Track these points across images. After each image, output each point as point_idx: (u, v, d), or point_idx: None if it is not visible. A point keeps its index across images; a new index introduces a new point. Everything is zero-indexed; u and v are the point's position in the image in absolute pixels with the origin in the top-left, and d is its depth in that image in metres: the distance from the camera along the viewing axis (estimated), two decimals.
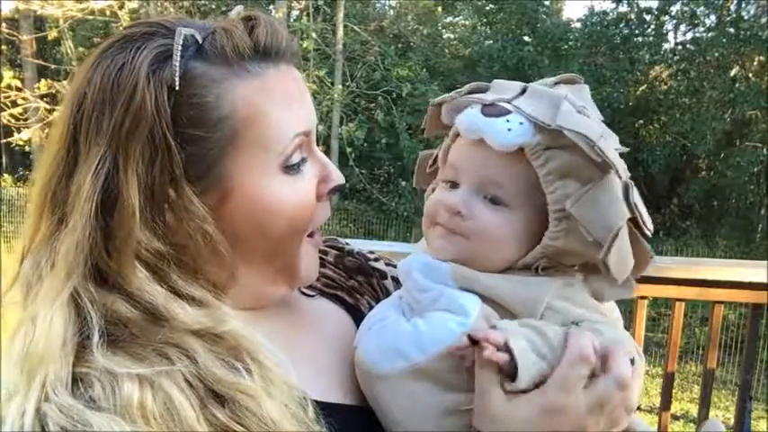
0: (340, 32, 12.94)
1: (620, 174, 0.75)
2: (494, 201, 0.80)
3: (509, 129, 0.77)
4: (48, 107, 10.65)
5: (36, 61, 12.71)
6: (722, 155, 12.85)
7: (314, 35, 12.07)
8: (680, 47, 14.19)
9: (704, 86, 12.88)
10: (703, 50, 12.98)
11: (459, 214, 0.80)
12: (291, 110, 0.75)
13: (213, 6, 12.30)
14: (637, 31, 14.04)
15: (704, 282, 2.41)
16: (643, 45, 13.92)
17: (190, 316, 0.68)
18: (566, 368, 0.70)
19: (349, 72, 13.08)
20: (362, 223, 13.10)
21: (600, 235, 0.75)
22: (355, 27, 13.28)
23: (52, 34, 11.38)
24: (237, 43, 0.71)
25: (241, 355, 0.68)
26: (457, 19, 18.05)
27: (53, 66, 12.31)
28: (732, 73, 13.00)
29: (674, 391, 3.42)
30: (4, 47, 12.61)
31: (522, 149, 0.77)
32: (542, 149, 0.77)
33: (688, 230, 13.02)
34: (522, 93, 0.82)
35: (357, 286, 0.99)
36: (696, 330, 7.99)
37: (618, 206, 0.76)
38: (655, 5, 13.93)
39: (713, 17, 13.80)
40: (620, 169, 0.75)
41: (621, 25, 13.96)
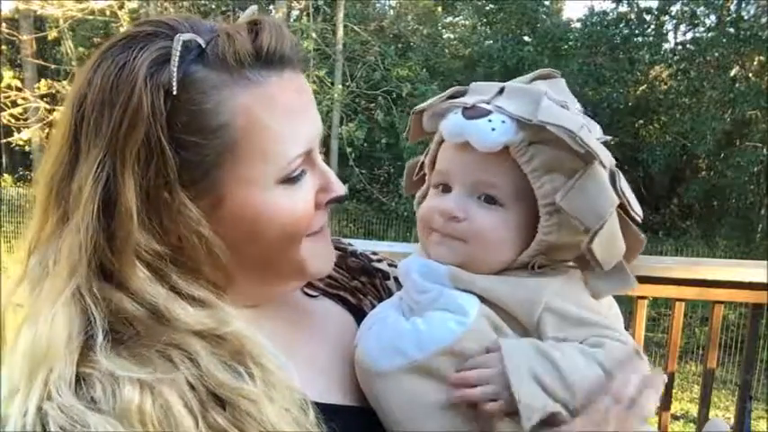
0: (340, 32, 12.93)
1: (603, 162, 0.76)
2: (488, 201, 0.81)
3: (492, 128, 0.77)
4: (48, 107, 10.64)
5: (36, 61, 12.70)
6: (722, 155, 12.84)
7: (314, 35, 12.06)
8: (680, 47, 14.17)
9: (704, 86, 12.87)
10: (703, 50, 12.97)
11: (454, 218, 0.81)
12: (293, 125, 0.74)
13: (213, 6, 12.29)
14: (637, 31, 14.02)
15: (704, 282, 2.41)
16: (643, 45, 13.90)
17: (191, 317, 0.68)
18: (598, 415, 0.72)
19: (349, 72, 13.07)
20: (362, 223, 13.09)
21: (591, 224, 0.76)
22: (355, 27, 13.27)
23: (52, 34, 11.37)
24: (239, 50, 0.70)
25: (244, 359, 0.68)
26: (457, 19, 18.04)
27: (53, 66, 12.30)
28: (732, 73, 12.99)
29: (674, 391, 3.42)
30: (4, 47, 12.61)
31: (507, 148, 0.78)
32: (526, 146, 0.78)
33: (688, 230, 13.01)
34: (501, 92, 0.83)
35: (360, 287, 0.99)
36: (696, 330, 7.99)
37: (606, 194, 0.77)
38: (655, 5, 13.92)
39: (713, 17, 13.79)
40: (603, 158, 0.76)
41: (621, 25, 13.94)
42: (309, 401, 0.71)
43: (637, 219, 0.82)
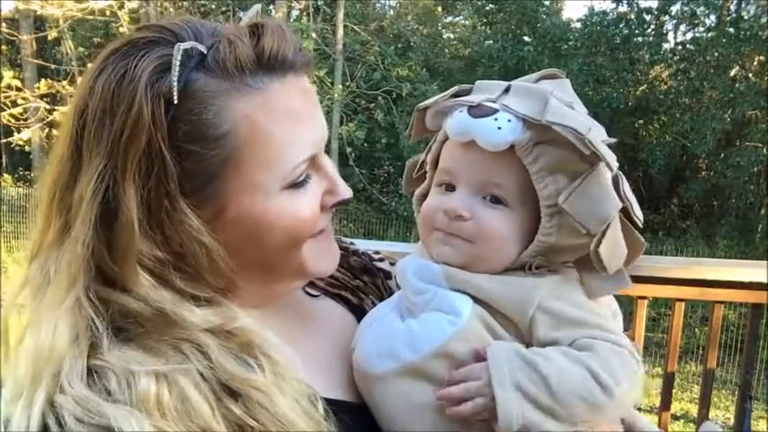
0: (340, 32, 12.93)
1: (610, 165, 0.76)
2: (494, 201, 0.80)
3: (498, 127, 0.77)
4: (48, 107, 10.63)
5: (36, 61, 12.70)
6: (722, 155, 12.83)
7: (314, 35, 12.06)
8: (680, 47, 14.17)
9: (704, 86, 12.86)
10: (703, 50, 12.96)
11: (460, 217, 0.80)
12: (297, 131, 0.73)
13: (213, 6, 12.29)
14: (637, 31, 14.02)
15: (704, 282, 2.40)
16: (643, 45, 13.90)
17: (198, 317, 0.68)
18: None
19: (349, 72, 13.07)
20: (362, 223, 13.09)
21: (593, 227, 0.75)
22: (355, 27, 13.27)
23: (52, 34, 11.35)
24: (240, 56, 0.69)
25: (253, 351, 0.68)
26: (457, 19, 18.05)
27: (53, 66, 12.29)
28: (732, 73, 12.99)
29: (674, 391, 3.42)
30: (4, 47, 12.60)
31: (512, 147, 0.78)
32: (532, 146, 0.77)
33: (688, 230, 13.01)
34: (507, 91, 0.82)
35: (362, 286, 0.99)
36: (696, 330, 8.00)
37: (609, 197, 0.76)
38: (655, 5, 13.92)
39: (713, 17, 13.80)
40: (609, 160, 0.76)
41: (621, 25, 13.94)
42: (318, 394, 0.71)
43: (638, 223, 0.81)
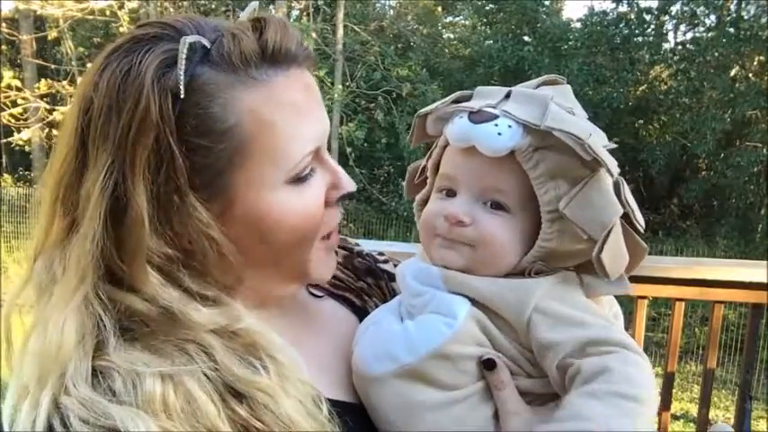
0: (340, 32, 12.93)
1: (611, 170, 0.75)
2: (495, 206, 0.80)
3: (499, 133, 0.77)
4: (48, 107, 10.63)
5: (36, 61, 12.69)
6: (722, 155, 12.83)
7: (314, 35, 12.06)
8: (680, 47, 14.18)
9: (704, 86, 12.87)
10: (703, 50, 12.96)
11: (460, 223, 0.80)
12: (301, 124, 0.73)
13: (213, 6, 12.30)
14: (637, 31, 14.02)
15: (704, 282, 2.41)
16: (643, 45, 13.91)
17: (205, 317, 0.68)
18: None
19: (349, 72, 13.07)
20: (362, 223, 13.09)
21: (594, 233, 0.75)
22: (355, 27, 13.27)
23: (52, 34, 11.36)
24: (244, 49, 0.69)
25: (257, 352, 0.68)
26: (457, 19, 18.05)
27: (53, 66, 12.28)
28: (732, 73, 12.99)
29: (674, 391, 3.42)
30: (4, 47, 12.59)
31: (513, 153, 0.78)
32: (532, 151, 0.77)
33: (688, 230, 13.01)
34: (507, 97, 0.82)
35: (366, 288, 0.99)
36: (696, 330, 8.00)
37: (611, 203, 0.76)
38: (655, 5, 13.92)
39: (713, 17, 13.80)
40: (610, 166, 0.75)
41: (621, 25, 13.95)
42: (322, 396, 0.71)
43: (639, 228, 0.81)
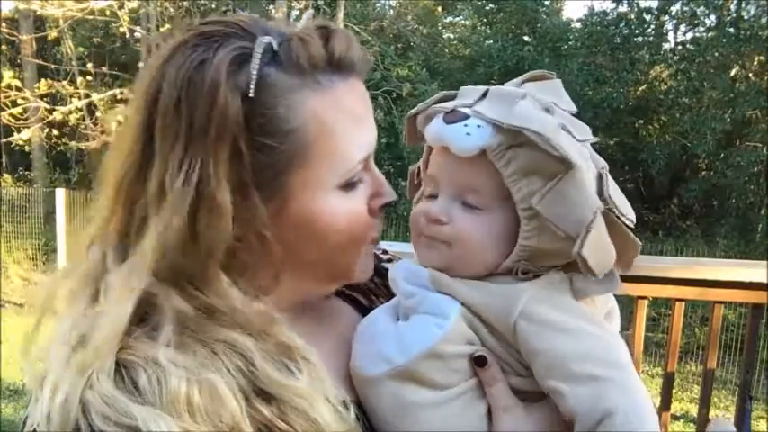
0: None
1: (578, 164, 0.74)
2: (470, 205, 0.80)
3: (467, 133, 0.77)
4: (48, 107, 10.63)
5: (36, 61, 12.69)
6: (722, 155, 12.81)
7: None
8: (680, 47, 14.16)
9: (704, 86, 12.85)
10: (703, 50, 12.95)
11: (438, 222, 0.81)
12: (358, 131, 0.75)
13: (213, 6, 12.30)
14: (637, 31, 14.01)
15: (704, 282, 2.41)
16: (643, 45, 13.90)
17: (251, 315, 0.68)
18: None
19: None
20: None
21: (570, 229, 0.74)
22: (355, 27, 13.26)
23: (52, 34, 11.34)
24: (313, 53, 0.70)
25: (292, 354, 0.69)
26: (457, 19, 18.04)
27: (53, 66, 12.26)
28: (732, 73, 12.97)
29: (674, 391, 3.42)
30: (4, 47, 12.59)
31: (486, 152, 0.78)
32: (504, 149, 0.77)
33: (688, 230, 13.00)
34: (484, 96, 0.82)
35: (373, 288, 0.99)
36: (696, 330, 7.99)
37: (587, 199, 0.75)
38: (655, 5, 13.91)
39: (713, 17, 13.78)
40: (578, 160, 0.74)
41: (621, 25, 13.93)
42: (349, 398, 0.72)
43: (627, 223, 0.80)
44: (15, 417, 5.18)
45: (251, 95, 0.67)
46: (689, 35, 14.33)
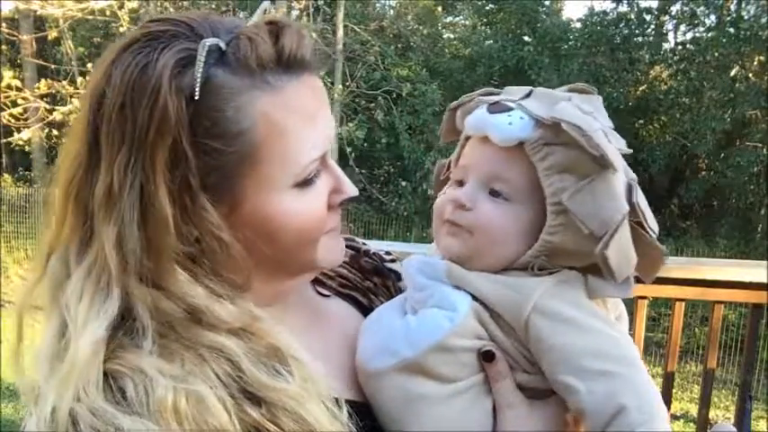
0: (340, 32, 12.92)
1: (616, 167, 0.76)
2: (497, 194, 0.81)
3: (510, 123, 0.79)
4: (48, 107, 10.63)
5: (36, 61, 12.68)
6: (722, 155, 12.82)
7: (314, 35, 12.05)
8: (680, 47, 14.16)
9: (704, 86, 12.86)
10: (703, 50, 12.95)
11: (462, 207, 0.82)
12: (311, 129, 0.74)
13: (213, 6, 12.29)
14: (637, 31, 14.01)
15: (704, 282, 2.41)
16: (643, 45, 13.90)
17: (232, 314, 0.68)
18: None
19: (349, 72, 13.05)
20: (362, 223, 13.08)
21: (595, 228, 0.75)
22: (355, 27, 13.26)
23: (52, 34, 11.33)
24: (261, 53, 0.69)
25: (281, 354, 0.68)
26: (457, 19, 18.05)
27: (53, 66, 12.26)
28: (732, 73, 12.98)
29: (674, 391, 3.42)
30: (4, 47, 12.59)
31: (524, 145, 0.79)
32: (542, 145, 0.78)
33: (688, 230, 13.01)
34: (529, 95, 0.84)
35: (372, 287, 0.99)
36: (696, 330, 8.00)
37: (615, 201, 0.76)
38: (655, 5, 13.91)
39: (713, 17, 13.78)
40: (617, 164, 0.76)
41: (621, 25, 13.94)
42: (341, 397, 0.71)
43: (651, 234, 0.81)
44: (15, 417, 5.18)
45: (196, 98, 0.66)
46: (689, 35, 14.35)
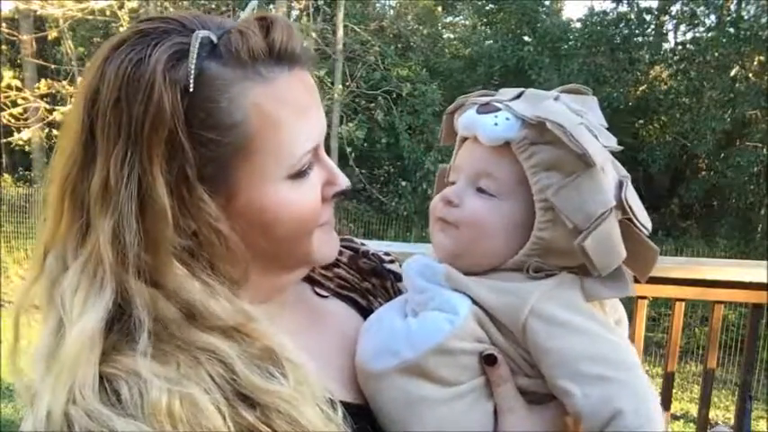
0: (340, 32, 12.93)
1: (597, 163, 0.76)
2: (484, 191, 0.83)
3: (495, 124, 0.81)
4: (48, 107, 10.63)
5: (36, 61, 12.69)
6: (722, 155, 12.83)
7: (314, 35, 12.06)
8: (680, 47, 14.17)
9: (704, 86, 12.87)
10: (703, 50, 12.96)
11: (451, 203, 0.84)
12: (303, 121, 0.75)
13: (213, 6, 12.29)
14: (637, 31, 14.02)
15: (704, 282, 2.41)
16: (643, 45, 13.91)
17: (226, 311, 0.68)
18: None
19: (349, 72, 13.06)
20: (362, 223, 13.08)
21: (579, 222, 0.76)
22: (355, 27, 13.27)
23: (52, 34, 11.35)
24: (252, 46, 0.70)
25: (275, 356, 0.68)
26: (457, 19, 18.06)
27: (53, 66, 12.28)
28: (732, 73, 12.98)
29: (674, 391, 3.42)
30: (4, 47, 12.59)
31: (510, 144, 0.81)
32: (528, 144, 0.80)
33: (688, 230, 13.01)
34: (519, 96, 0.85)
35: (371, 288, 0.99)
36: (696, 330, 8.00)
37: (600, 196, 0.77)
38: (655, 5, 13.92)
39: (713, 17, 13.79)
40: (599, 160, 0.76)
41: (621, 25, 13.95)
42: (337, 398, 0.72)
43: (643, 231, 0.81)
44: (15, 417, 5.18)
45: (191, 90, 0.67)
46: (689, 35, 14.36)
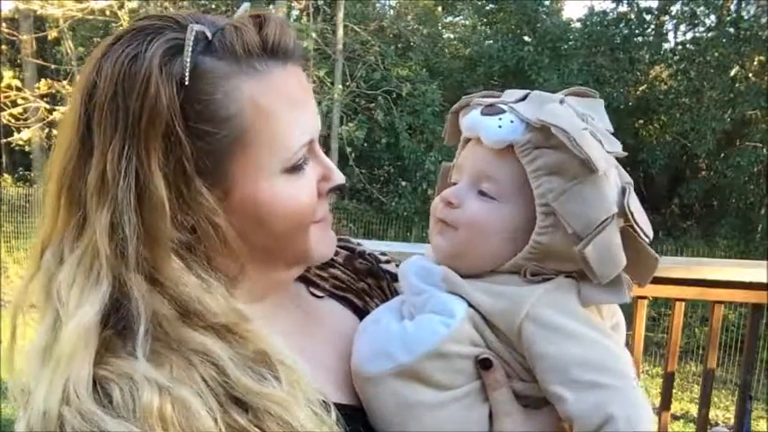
0: (340, 32, 12.92)
1: (600, 169, 0.75)
2: (485, 193, 0.82)
3: (499, 126, 0.80)
4: (48, 107, 10.64)
5: (36, 61, 12.70)
6: (722, 155, 12.83)
7: (314, 35, 12.05)
8: (680, 47, 14.17)
9: (704, 86, 12.87)
10: (703, 50, 12.96)
11: (451, 204, 0.83)
12: (298, 115, 0.75)
13: (213, 6, 12.29)
14: (637, 31, 14.02)
15: (704, 282, 2.40)
16: (643, 45, 13.91)
17: (221, 308, 0.68)
18: None
19: (349, 72, 13.05)
20: (362, 223, 13.08)
21: (579, 228, 0.75)
22: (355, 27, 13.26)
23: (52, 34, 11.36)
24: (247, 40, 0.71)
25: (268, 358, 0.68)
26: (457, 19, 18.03)
27: (53, 66, 12.29)
28: (732, 73, 12.98)
29: (674, 391, 3.42)
30: (4, 47, 12.59)
31: (513, 147, 0.80)
32: (532, 148, 0.79)
33: (688, 230, 13.01)
34: (524, 98, 0.84)
35: (367, 289, 0.99)
36: (696, 330, 8.00)
37: (603, 203, 0.76)
38: (655, 5, 13.93)
39: (713, 17, 13.79)
40: (601, 166, 0.75)
41: (621, 25, 13.94)
42: (330, 400, 0.71)
43: (644, 239, 0.81)
44: (15, 417, 5.18)
45: (186, 83, 0.68)
46: (689, 35, 14.36)
